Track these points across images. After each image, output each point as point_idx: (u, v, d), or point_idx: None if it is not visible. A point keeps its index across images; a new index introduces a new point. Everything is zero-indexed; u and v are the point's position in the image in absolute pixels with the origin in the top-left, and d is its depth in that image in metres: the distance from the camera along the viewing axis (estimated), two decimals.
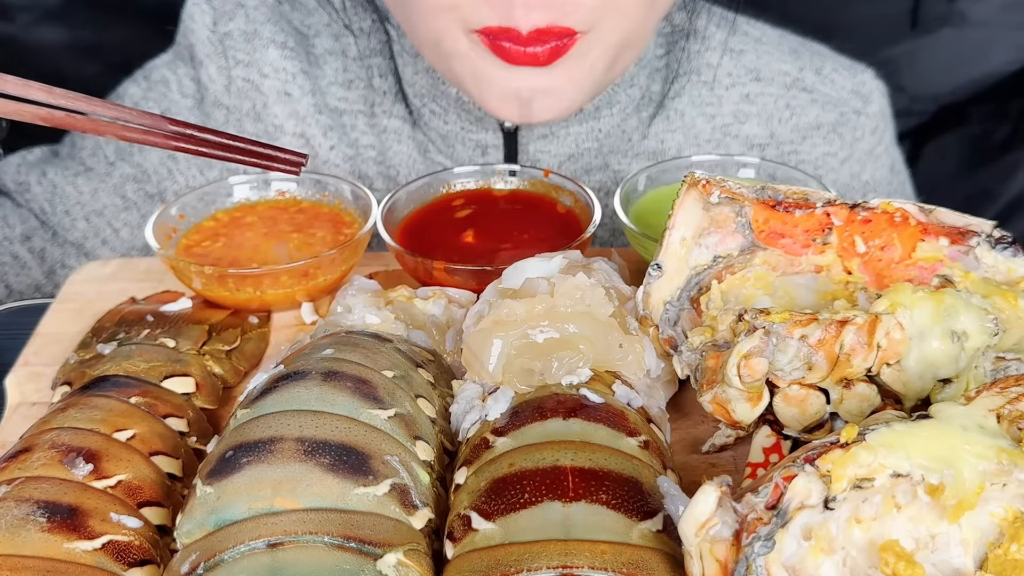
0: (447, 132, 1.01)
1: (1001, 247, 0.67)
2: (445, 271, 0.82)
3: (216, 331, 0.82)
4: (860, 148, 1.10)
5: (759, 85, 1.08)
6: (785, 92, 1.08)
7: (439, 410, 0.69)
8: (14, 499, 0.60)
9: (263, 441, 0.59)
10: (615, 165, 1.05)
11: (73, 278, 0.93)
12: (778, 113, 1.08)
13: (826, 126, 1.08)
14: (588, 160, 1.03)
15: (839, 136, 1.09)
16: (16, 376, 0.81)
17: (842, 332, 0.62)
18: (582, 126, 1.00)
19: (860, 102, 1.10)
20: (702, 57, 1.07)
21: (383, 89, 1.04)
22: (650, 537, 0.54)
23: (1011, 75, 1.60)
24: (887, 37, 1.57)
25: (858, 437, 0.51)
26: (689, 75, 1.06)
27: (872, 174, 1.12)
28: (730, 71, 1.07)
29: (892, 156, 1.16)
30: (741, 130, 1.07)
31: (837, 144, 1.09)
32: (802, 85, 1.09)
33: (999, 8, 1.55)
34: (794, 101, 1.08)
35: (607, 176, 1.05)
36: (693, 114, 1.06)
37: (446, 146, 1.03)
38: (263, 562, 0.53)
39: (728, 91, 1.07)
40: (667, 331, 0.69)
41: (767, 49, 1.10)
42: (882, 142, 1.13)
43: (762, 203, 0.69)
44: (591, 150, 1.02)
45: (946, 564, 0.52)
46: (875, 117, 1.11)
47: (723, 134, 1.07)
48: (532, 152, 1.01)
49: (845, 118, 1.09)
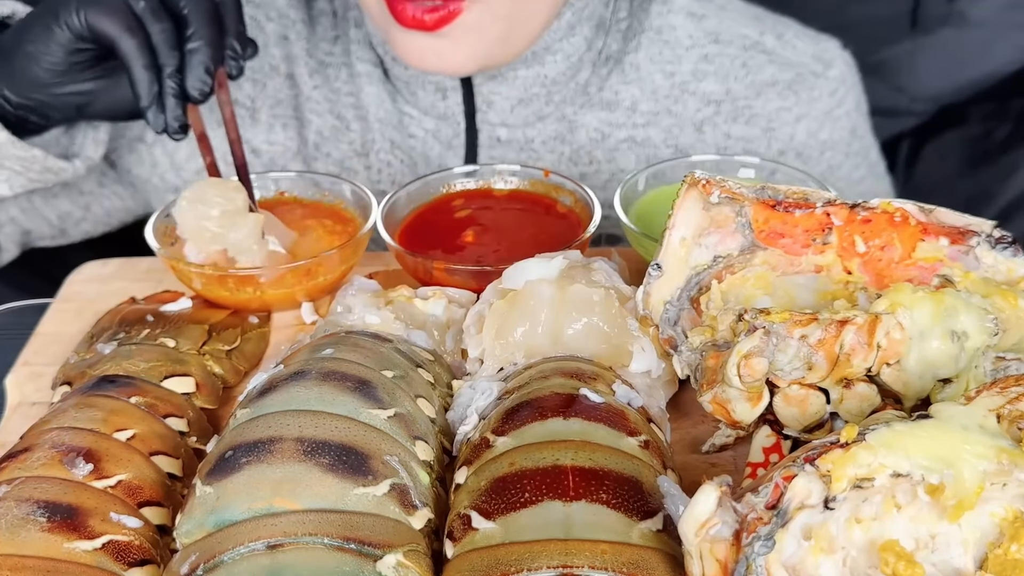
0: (408, 78, 1.07)
1: (1001, 247, 0.67)
2: (445, 271, 0.82)
3: (216, 331, 0.82)
4: (818, 108, 1.12)
5: (718, 47, 1.11)
6: (743, 52, 1.11)
7: (439, 410, 0.69)
8: (14, 499, 0.60)
9: (263, 441, 0.59)
10: (571, 116, 1.09)
11: (73, 278, 0.93)
12: (734, 71, 1.11)
13: (781, 83, 1.11)
14: (539, 107, 1.07)
15: (794, 93, 1.11)
16: (16, 376, 0.81)
17: (842, 332, 0.62)
18: (528, 70, 1.05)
19: (820, 66, 1.12)
20: (664, 18, 1.10)
21: (357, 38, 1.11)
22: (650, 537, 0.54)
23: (1011, 75, 1.60)
24: (887, 37, 1.56)
25: (858, 437, 0.51)
26: (648, 32, 1.10)
27: (830, 134, 1.14)
28: (691, 33, 1.11)
29: (854, 121, 1.17)
30: (698, 87, 1.10)
31: (792, 100, 1.11)
32: (761, 48, 1.12)
33: (999, 8, 1.55)
34: (751, 61, 1.11)
35: (564, 127, 1.09)
36: (651, 69, 1.10)
37: (409, 93, 1.08)
38: (263, 563, 0.53)
39: (688, 51, 1.10)
40: (667, 331, 0.69)
41: (729, 15, 1.13)
42: (842, 105, 1.14)
43: (762, 203, 0.69)
44: (540, 96, 1.06)
45: (946, 564, 0.52)
46: (835, 80, 1.13)
47: (680, 91, 1.10)
48: (486, 93, 1.06)
49: (802, 78, 1.11)
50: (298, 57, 1.13)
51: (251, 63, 1.11)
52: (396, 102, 1.10)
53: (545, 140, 1.09)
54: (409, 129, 1.10)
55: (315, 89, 1.12)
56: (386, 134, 1.10)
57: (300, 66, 1.13)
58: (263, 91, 1.12)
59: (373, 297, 0.79)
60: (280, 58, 1.13)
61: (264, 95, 1.12)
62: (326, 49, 1.13)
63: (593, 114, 1.09)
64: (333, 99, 1.12)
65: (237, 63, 0.90)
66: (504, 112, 1.07)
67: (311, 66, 1.13)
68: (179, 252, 0.85)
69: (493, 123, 1.08)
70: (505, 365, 0.71)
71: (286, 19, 1.14)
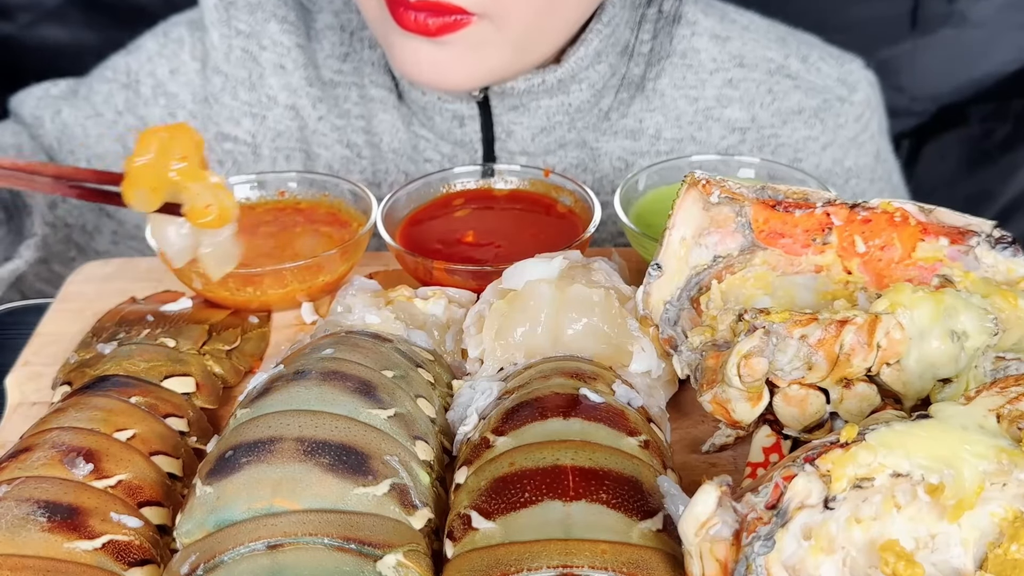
0: (425, 103, 1.04)
1: (1001, 247, 0.67)
2: (445, 271, 0.82)
3: (216, 331, 0.82)
4: (843, 135, 1.11)
5: (743, 71, 1.09)
6: (768, 78, 1.09)
7: (439, 410, 0.69)
8: (14, 499, 0.60)
9: (263, 441, 0.59)
10: (592, 142, 1.06)
11: (73, 278, 0.93)
12: (760, 97, 1.09)
13: (808, 111, 1.09)
14: (561, 134, 1.05)
15: (820, 121, 1.09)
16: (16, 376, 0.81)
17: (842, 332, 0.62)
18: (552, 99, 1.02)
19: (845, 90, 1.11)
20: (687, 41, 1.08)
21: (372, 60, 1.07)
22: (650, 537, 0.54)
23: (1011, 75, 1.60)
24: (887, 37, 1.56)
25: (858, 437, 0.51)
26: (672, 57, 1.07)
27: (855, 161, 1.12)
28: (715, 56, 1.08)
29: (878, 144, 1.16)
30: (723, 113, 1.08)
31: (818, 129, 1.09)
32: (786, 72, 1.10)
33: (999, 8, 1.55)
34: (777, 86, 1.09)
35: (585, 154, 1.06)
36: (675, 95, 1.07)
37: (426, 117, 1.05)
38: (263, 564, 0.53)
39: (712, 75, 1.08)
40: (667, 331, 0.69)
41: (753, 37, 1.11)
42: (867, 130, 1.13)
43: (762, 203, 0.69)
44: (563, 123, 1.04)
45: (946, 564, 0.52)
46: (860, 105, 1.11)
47: (705, 117, 1.08)
48: (506, 123, 1.03)
49: (828, 104, 1.10)
50: (298, 88, 1.10)
51: (247, 96, 1.09)
52: (411, 126, 1.07)
53: (566, 168, 1.07)
54: (425, 153, 1.07)
55: (320, 120, 1.09)
56: (400, 165, 1.08)
57: (302, 97, 1.09)
58: (262, 124, 1.10)
59: (373, 297, 0.79)
60: (278, 87, 1.10)
61: (264, 128, 1.10)
62: (334, 67, 1.10)
63: (616, 142, 1.07)
64: (341, 126, 1.09)
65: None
66: (524, 141, 1.05)
67: (313, 95, 1.09)
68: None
69: (512, 151, 1.06)
70: (505, 365, 0.71)
71: (280, 47, 1.10)
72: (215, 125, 1.13)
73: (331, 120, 1.09)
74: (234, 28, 1.11)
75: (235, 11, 1.11)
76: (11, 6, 1.58)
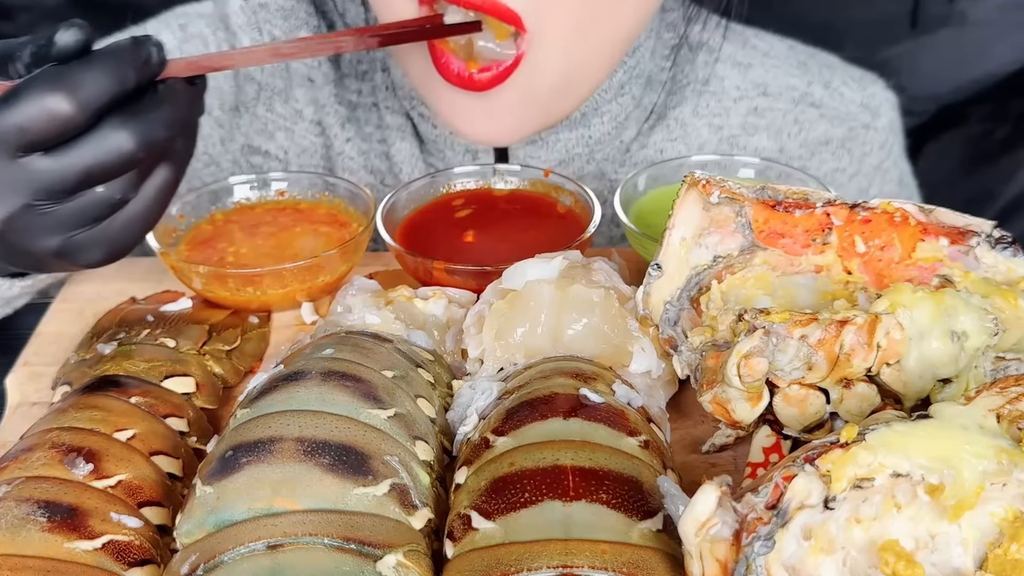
0: (436, 136, 1.02)
1: (1001, 247, 0.67)
2: (445, 271, 0.82)
3: (216, 331, 0.82)
4: (868, 163, 1.10)
5: (767, 100, 1.07)
6: (793, 107, 1.08)
7: (439, 410, 0.69)
8: (14, 499, 0.60)
9: (263, 441, 0.59)
10: (611, 174, 1.05)
11: (73, 278, 0.93)
12: (787, 128, 1.08)
13: (835, 141, 1.08)
14: (580, 166, 1.03)
15: (848, 152, 1.09)
16: (16, 376, 0.81)
17: (842, 332, 0.62)
18: (572, 132, 1.00)
19: (869, 116, 1.10)
20: (709, 68, 1.06)
21: (385, 84, 1.04)
22: (650, 537, 0.54)
23: (1011, 75, 1.60)
24: (887, 37, 1.57)
25: (858, 437, 0.51)
26: (694, 85, 1.05)
27: (880, 188, 1.12)
28: (738, 84, 1.07)
29: (901, 169, 1.15)
30: (749, 142, 1.07)
31: (846, 160, 1.09)
32: (810, 100, 1.08)
33: (999, 8, 1.55)
34: (803, 116, 1.08)
35: (603, 185, 1.04)
36: (697, 124, 1.06)
37: (437, 149, 1.03)
38: (263, 564, 0.53)
39: (736, 103, 1.06)
40: (667, 331, 0.69)
41: (775, 63, 1.09)
42: (891, 155, 1.12)
43: (762, 203, 0.69)
44: (582, 156, 1.02)
45: (946, 564, 0.52)
46: (884, 131, 1.11)
47: (730, 145, 1.06)
48: (522, 157, 1.02)
49: (854, 133, 1.09)
50: (326, 105, 1.05)
51: (280, 108, 1.05)
52: (427, 156, 1.04)
53: None
54: None
55: (347, 143, 1.05)
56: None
57: (330, 115, 1.05)
58: (291, 138, 1.06)
59: (373, 297, 0.79)
60: (305, 101, 1.06)
61: (293, 142, 1.06)
62: (354, 87, 1.06)
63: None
64: (366, 149, 1.06)
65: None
66: None
67: (341, 114, 1.05)
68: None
69: None
70: (505, 365, 0.71)
71: (310, 59, 1.05)
72: (243, 136, 1.08)
73: (357, 143, 1.06)
74: (268, 33, 1.05)
75: (266, 15, 1.06)
76: (11, 6, 1.58)
